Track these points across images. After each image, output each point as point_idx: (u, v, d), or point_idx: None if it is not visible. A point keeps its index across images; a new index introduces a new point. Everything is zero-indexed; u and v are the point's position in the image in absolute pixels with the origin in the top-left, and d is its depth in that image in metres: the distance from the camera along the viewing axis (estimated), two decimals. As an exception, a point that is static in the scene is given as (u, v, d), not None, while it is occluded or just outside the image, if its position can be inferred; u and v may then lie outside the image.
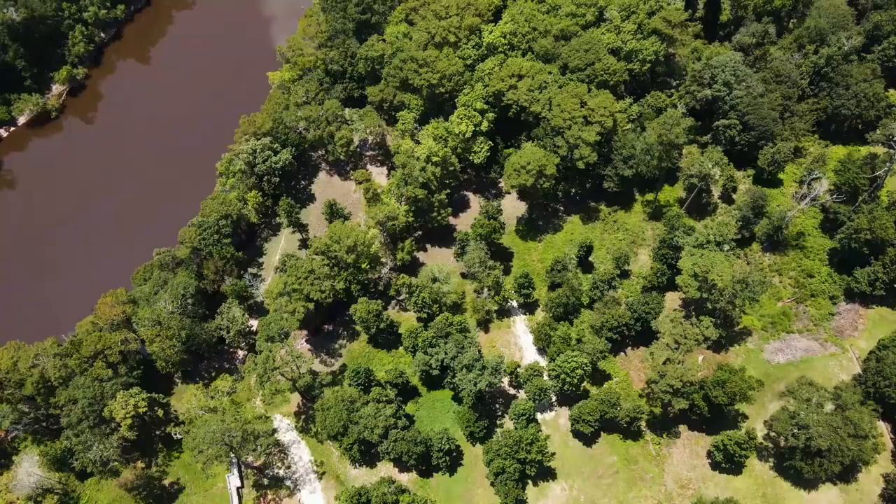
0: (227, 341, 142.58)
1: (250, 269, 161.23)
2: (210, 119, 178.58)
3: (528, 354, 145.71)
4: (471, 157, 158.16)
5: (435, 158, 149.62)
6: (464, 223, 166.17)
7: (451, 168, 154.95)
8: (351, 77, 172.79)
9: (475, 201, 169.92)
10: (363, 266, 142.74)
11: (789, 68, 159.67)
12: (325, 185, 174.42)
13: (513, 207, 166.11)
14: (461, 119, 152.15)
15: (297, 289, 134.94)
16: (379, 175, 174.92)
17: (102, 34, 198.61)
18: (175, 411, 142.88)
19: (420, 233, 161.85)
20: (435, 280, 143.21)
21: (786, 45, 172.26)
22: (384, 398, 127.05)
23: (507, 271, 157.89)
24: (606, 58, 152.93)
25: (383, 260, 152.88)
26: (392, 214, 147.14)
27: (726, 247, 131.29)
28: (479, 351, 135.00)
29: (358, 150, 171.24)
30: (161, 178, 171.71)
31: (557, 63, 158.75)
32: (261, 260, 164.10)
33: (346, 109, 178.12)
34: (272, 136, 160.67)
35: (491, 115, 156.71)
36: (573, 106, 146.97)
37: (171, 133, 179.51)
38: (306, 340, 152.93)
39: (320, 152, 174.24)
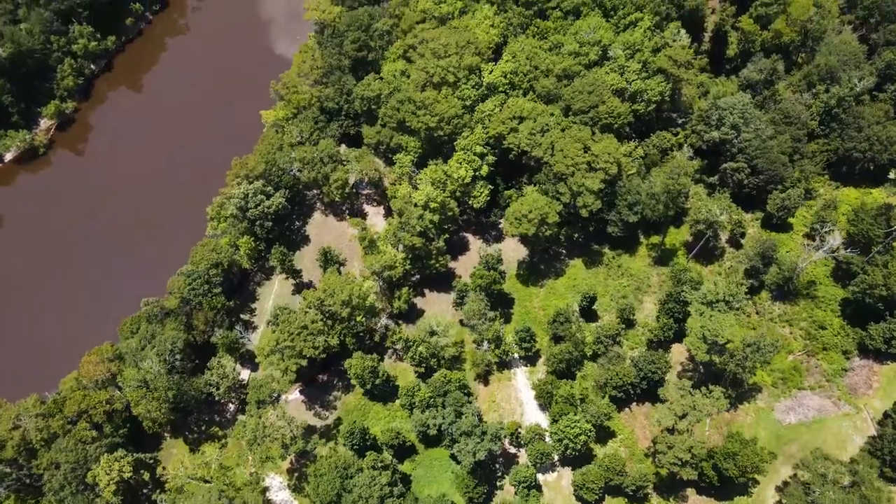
0: (216, 398, 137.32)
1: (242, 316, 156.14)
2: (202, 157, 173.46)
3: (530, 410, 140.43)
4: (470, 202, 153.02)
5: (433, 205, 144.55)
6: (463, 266, 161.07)
7: (450, 213, 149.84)
8: (347, 114, 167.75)
9: (475, 243, 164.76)
10: (358, 319, 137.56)
11: (799, 109, 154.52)
12: (320, 226, 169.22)
13: (513, 251, 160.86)
14: (460, 163, 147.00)
15: (290, 346, 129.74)
16: (375, 215, 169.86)
17: (93, 66, 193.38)
18: (163, 469, 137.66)
19: (418, 276, 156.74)
20: (433, 333, 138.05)
21: (795, 81, 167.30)
22: (379, 464, 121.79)
23: (507, 318, 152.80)
24: (610, 100, 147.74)
25: (379, 307, 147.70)
26: (389, 264, 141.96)
27: (736, 304, 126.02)
28: (479, 415, 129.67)
29: (354, 190, 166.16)
30: (151, 220, 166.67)
31: (560, 104, 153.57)
32: (253, 305, 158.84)
33: (342, 147, 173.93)
34: (265, 178, 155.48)
35: (491, 159, 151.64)
36: (576, 151, 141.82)
37: (161, 172, 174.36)
38: (300, 391, 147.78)
39: (315, 191, 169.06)
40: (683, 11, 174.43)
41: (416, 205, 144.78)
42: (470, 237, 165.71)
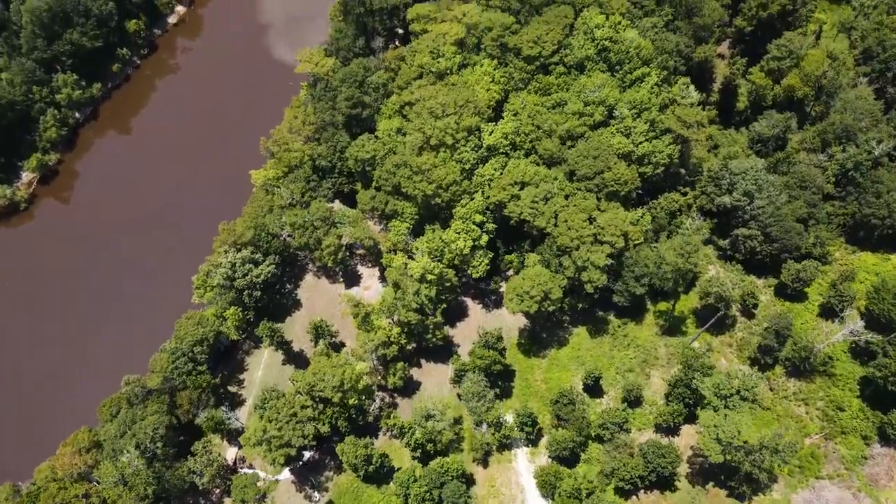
0: (200, 487, 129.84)
1: (230, 387, 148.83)
2: (191, 210, 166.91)
3: (531, 498, 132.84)
4: (469, 271, 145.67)
5: (430, 277, 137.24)
6: (462, 333, 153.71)
7: (448, 284, 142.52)
8: (340, 172, 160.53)
9: (474, 308, 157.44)
10: (351, 402, 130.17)
11: (814, 174, 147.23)
12: (312, 290, 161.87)
13: (514, 318, 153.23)
14: (458, 234, 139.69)
15: (278, 436, 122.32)
16: (370, 277, 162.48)
17: (77, 114, 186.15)
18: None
19: (414, 345, 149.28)
20: (429, 417, 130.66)
21: (808, 138, 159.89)
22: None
23: (507, 392, 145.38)
24: (617, 166, 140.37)
25: (373, 384, 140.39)
26: (383, 341, 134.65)
27: (752, 397, 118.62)
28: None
29: (347, 252, 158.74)
30: (135, 283, 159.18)
31: (563, 167, 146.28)
32: (241, 376, 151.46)
33: (336, 203, 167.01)
34: (253, 244, 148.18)
35: (491, 226, 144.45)
36: (581, 223, 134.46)
37: (147, 230, 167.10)
38: (290, 471, 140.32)
39: (307, 252, 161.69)
40: (692, 64, 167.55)
41: (411, 276, 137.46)
42: (469, 302, 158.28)
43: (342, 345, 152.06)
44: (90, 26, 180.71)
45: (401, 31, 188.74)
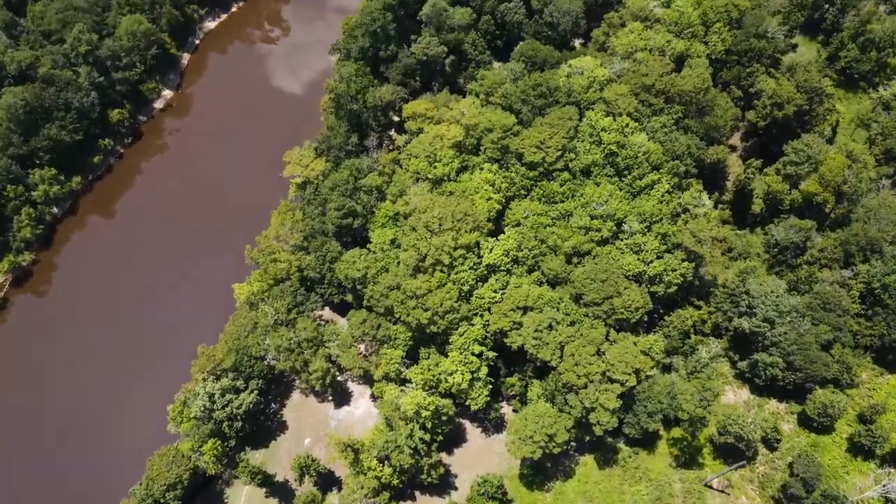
0: None
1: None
2: (168, 333, 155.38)
3: None
4: (467, 403, 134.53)
5: (425, 413, 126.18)
6: (459, 461, 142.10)
7: (445, 416, 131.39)
8: (330, 283, 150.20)
9: (472, 433, 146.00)
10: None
11: (838, 295, 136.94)
12: (299, 409, 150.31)
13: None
14: (456, 366, 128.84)
15: None
16: (360, 396, 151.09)
17: (56, 209, 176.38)
18: None
19: (407, 478, 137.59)
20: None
21: (830, 247, 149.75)
22: None
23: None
24: (626, 292, 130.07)
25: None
26: (374, 487, 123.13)
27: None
28: None
29: (336, 371, 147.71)
30: (103, 418, 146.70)
31: (569, 288, 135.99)
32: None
33: (326, 310, 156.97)
34: (235, 369, 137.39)
35: (491, 355, 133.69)
36: (588, 357, 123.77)
37: (120, 349, 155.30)
38: None
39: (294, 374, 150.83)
40: (704, 165, 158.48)
41: (404, 413, 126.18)
42: (467, 425, 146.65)
43: (331, 473, 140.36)
44: (70, 120, 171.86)
45: (396, 118, 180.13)
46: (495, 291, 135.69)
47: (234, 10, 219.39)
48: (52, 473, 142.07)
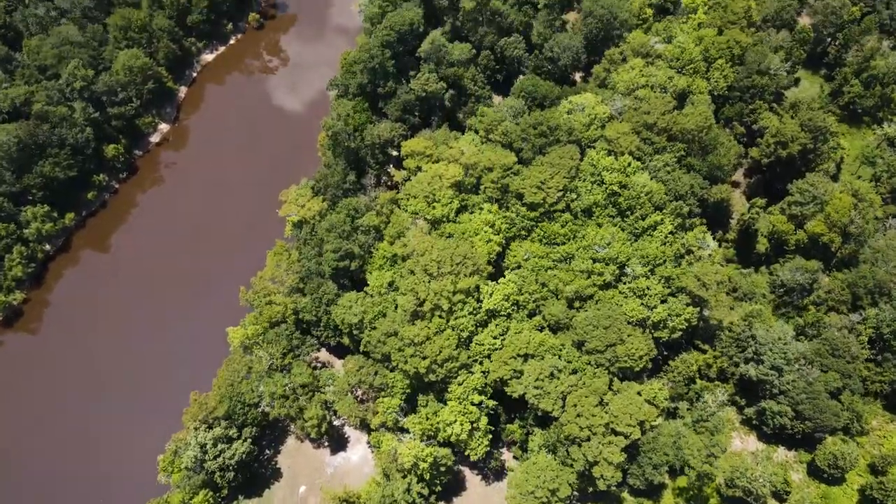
0: None
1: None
2: (160, 377, 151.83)
3: None
4: (466, 453, 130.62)
5: (422, 465, 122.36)
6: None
7: (444, 467, 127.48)
8: (326, 325, 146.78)
9: (472, 481, 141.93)
10: None
11: (847, 341, 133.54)
12: (294, 455, 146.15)
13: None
14: (455, 416, 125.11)
15: None
16: (357, 442, 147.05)
17: (48, 246, 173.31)
18: None
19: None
20: None
21: (837, 288, 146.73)
22: None
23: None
24: (630, 339, 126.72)
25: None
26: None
27: None
28: None
29: (333, 416, 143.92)
30: (91, 467, 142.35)
31: (570, 334, 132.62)
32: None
33: (322, 351, 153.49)
34: (227, 417, 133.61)
35: (491, 403, 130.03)
36: (591, 408, 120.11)
37: (110, 394, 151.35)
38: None
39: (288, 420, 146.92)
40: (708, 204, 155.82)
41: (401, 466, 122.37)
42: (467, 472, 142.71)
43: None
44: (64, 156, 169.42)
45: (395, 153, 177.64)
46: (495, 338, 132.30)
47: (232, 42, 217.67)
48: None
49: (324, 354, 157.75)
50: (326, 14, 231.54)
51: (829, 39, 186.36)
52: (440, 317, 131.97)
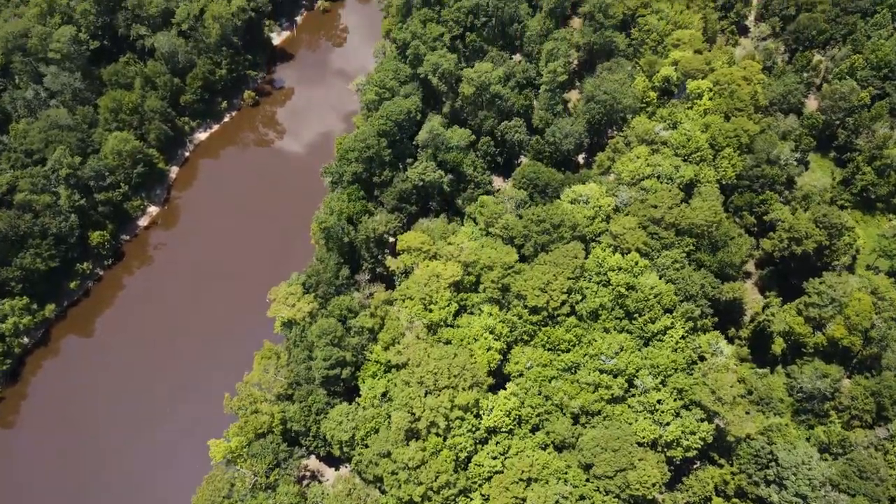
0: None
1: None
2: (135, 494, 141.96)
3: None
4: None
5: None
6: None
7: None
8: (315, 436, 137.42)
9: None
10: None
11: (876, 462, 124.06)
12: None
13: None
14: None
15: None
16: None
17: (26, 339, 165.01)
18: None
19: None
20: None
21: (860, 396, 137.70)
22: None
23: None
24: (641, 464, 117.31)
25: None
26: None
27: None
28: None
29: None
30: None
31: (576, 454, 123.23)
32: None
33: (312, 459, 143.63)
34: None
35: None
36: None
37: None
38: None
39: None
40: (720, 305, 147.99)
41: None
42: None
43: None
44: (46, 247, 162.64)
45: (391, 238, 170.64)
46: (495, 458, 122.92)
47: (226, 119, 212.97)
48: None
49: (313, 462, 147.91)
50: (324, 92, 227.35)
51: (838, 123, 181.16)
52: (437, 434, 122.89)
